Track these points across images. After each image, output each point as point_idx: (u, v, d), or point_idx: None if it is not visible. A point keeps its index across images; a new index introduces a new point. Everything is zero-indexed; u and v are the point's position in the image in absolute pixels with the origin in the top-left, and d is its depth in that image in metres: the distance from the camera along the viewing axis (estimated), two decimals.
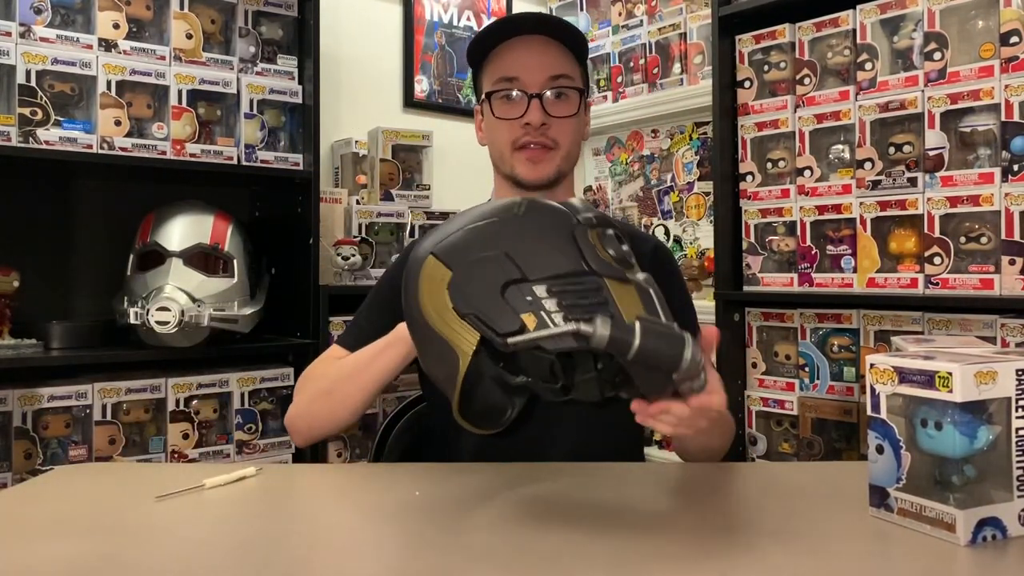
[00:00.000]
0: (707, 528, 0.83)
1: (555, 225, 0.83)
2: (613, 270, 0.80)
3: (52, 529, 0.85)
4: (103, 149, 1.79)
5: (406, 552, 0.78)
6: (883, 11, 1.74)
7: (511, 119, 1.19)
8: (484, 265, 0.81)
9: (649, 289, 0.81)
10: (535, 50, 1.19)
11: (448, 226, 0.87)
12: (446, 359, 0.83)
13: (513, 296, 0.79)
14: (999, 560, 0.73)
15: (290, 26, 2.12)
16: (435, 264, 0.84)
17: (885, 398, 0.81)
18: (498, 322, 0.78)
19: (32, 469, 1.71)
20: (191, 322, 1.79)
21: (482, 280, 0.80)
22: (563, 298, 0.78)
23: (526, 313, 0.78)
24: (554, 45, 1.19)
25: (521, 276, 0.79)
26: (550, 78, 1.18)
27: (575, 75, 1.21)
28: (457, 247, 0.84)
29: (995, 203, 1.56)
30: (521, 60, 1.19)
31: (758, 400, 1.96)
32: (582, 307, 0.77)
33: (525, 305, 0.78)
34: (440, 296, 0.82)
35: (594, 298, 0.78)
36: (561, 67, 1.19)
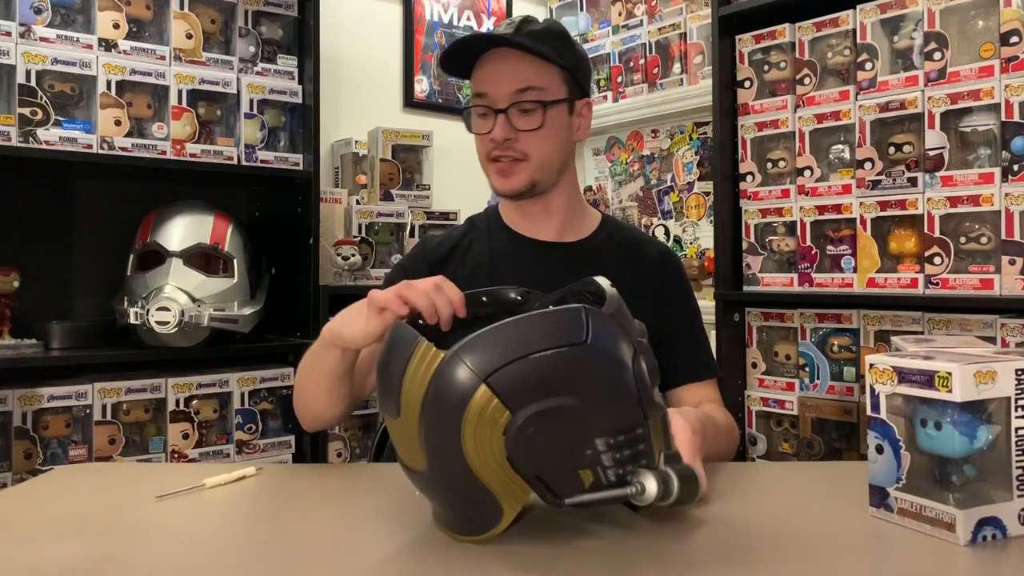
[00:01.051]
0: (707, 528, 0.83)
1: (620, 361, 0.74)
2: (655, 408, 0.76)
3: (52, 529, 0.85)
4: (103, 149, 1.79)
5: (406, 552, 0.78)
6: (883, 11, 1.74)
7: (482, 134, 1.21)
8: (553, 416, 0.71)
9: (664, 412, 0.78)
10: (504, 64, 1.19)
11: (499, 342, 0.73)
12: (478, 503, 0.75)
13: (575, 450, 0.72)
14: (999, 560, 0.73)
15: (290, 26, 2.12)
16: (490, 398, 0.71)
17: (885, 398, 0.81)
18: (559, 484, 0.73)
19: (32, 469, 1.71)
20: (191, 322, 1.79)
21: (550, 435, 0.71)
22: (618, 451, 0.73)
23: (584, 469, 0.73)
24: (524, 57, 1.18)
25: (588, 432, 0.72)
26: (516, 91, 1.17)
27: (546, 84, 1.19)
28: (519, 381, 0.71)
29: (995, 203, 1.56)
30: (488, 75, 1.20)
31: (758, 400, 1.96)
32: (630, 460, 0.73)
33: (584, 460, 0.72)
34: (494, 440, 0.71)
35: (641, 446, 0.74)
36: (528, 78, 1.18)
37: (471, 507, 0.76)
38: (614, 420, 0.73)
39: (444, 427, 0.72)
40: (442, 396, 0.72)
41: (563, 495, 0.73)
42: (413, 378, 0.73)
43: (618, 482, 0.73)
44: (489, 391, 0.70)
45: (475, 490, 0.73)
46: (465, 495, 0.75)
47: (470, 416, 0.70)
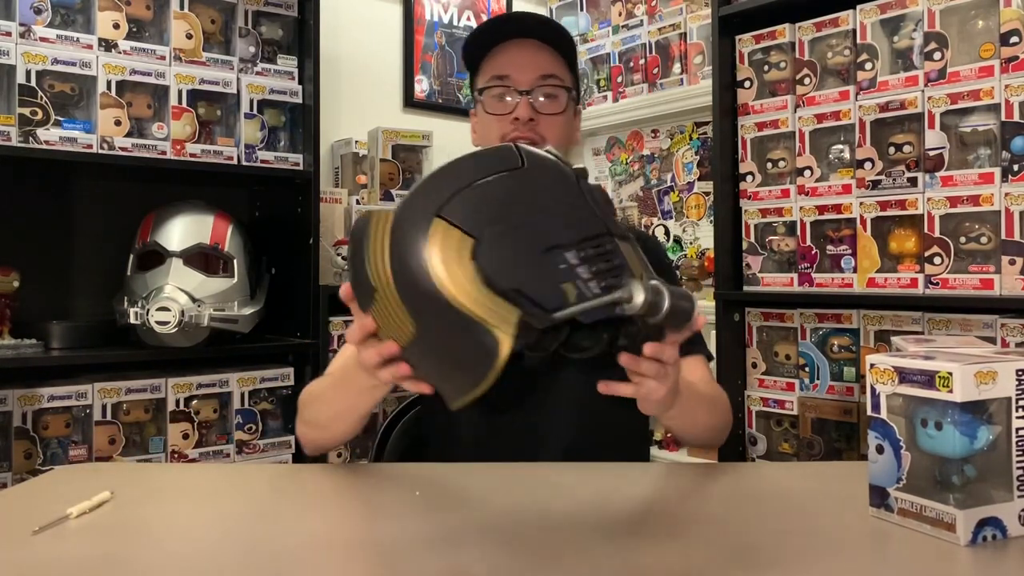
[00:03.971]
0: (707, 528, 0.83)
1: (564, 181, 0.78)
2: (619, 228, 0.77)
3: (52, 529, 0.84)
4: (103, 149, 1.79)
5: (407, 553, 0.78)
6: (883, 11, 1.74)
7: (501, 115, 1.24)
8: (515, 230, 0.73)
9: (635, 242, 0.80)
10: (527, 51, 1.25)
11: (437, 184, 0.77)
12: (473, 343, 0.73)
13: (548, 266, 0.73)
14: (999, 560, 0.73)
15: (290, 26, 2.12)
16: (447, 229, 0.73)
17: (885, 398, 0.81)
18: (544, 297, 0.72)
19: (32, 469, 1.71)
20: (191, 322, 1.79)
21: (517, 248, 0.73)
22: (593, 264, 0.73)
23: (565, 283, 0.72)
24: (545, 48, 1.25)
25: (554, 242, 0.73)
26: (540, 77, 1.23)
27: (564, 77, 1.26)
28: (471, 208, 0.74)
29: (995, 203, 1.56)
30: (513, 60, 1.25)
31: (758, 400, 1.96)
32: (607, 272, 0.74)
33: (561, 274, 0.73)
34: (465, 269, 0.72)
35: (616, 260, 0.75)
36: (551, 68, 1.25)
37: (469, 350, 0.74)
38: (576, 230, 0.74)
39: (416, 274, 0.73)
40: (405, 245, 0.74)
41: (552, 308, 0.72)
42: (375, 248, 0.76)
43: (603, 293, 0.73)
44: (445, 223, 0.73)
45: (467, 328, 0.72)
46: (461, 338, 0.74)
47: (435, 252, 0.72)
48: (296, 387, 2.08)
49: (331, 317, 2.10)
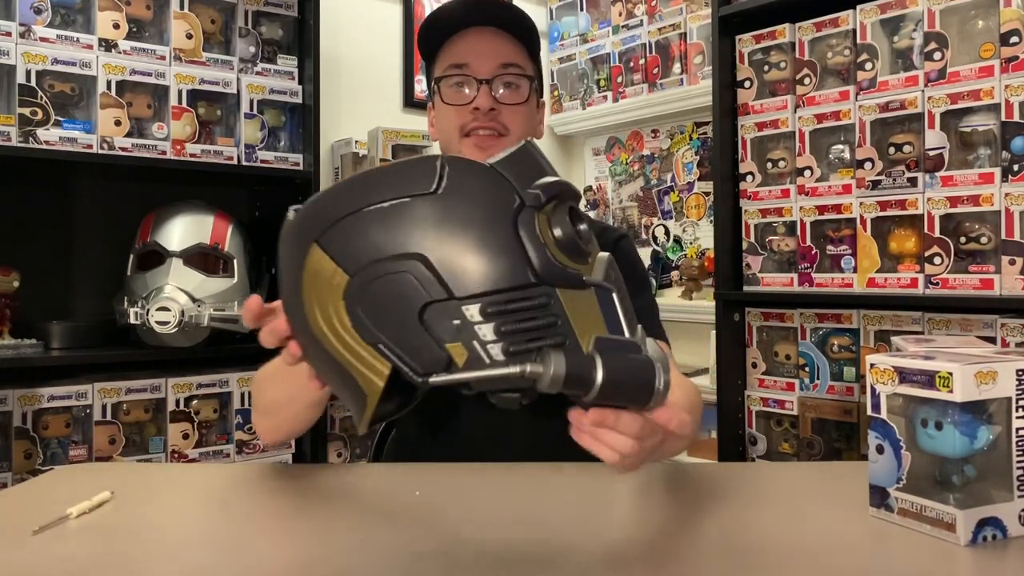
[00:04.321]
0: (706, 529, 0.83)
1: (491, 210, 0.62)
2: (566, 275, 0.62)
3: (52, 529, 0.84)
4: (103, 149, 1.79)
5: (407, 553, 0.78)
6: (883, 11, 1.74)
7: (460, 105, 1.17)
8: (393, 275, 0.61)
9: (611, 291, 0.64)
10: (486, 39, 1.18)
11: (338, 198, 0.65)
12: (346, 383, 0.65)
13: (435, 319, 0.60)
14: (999, 560, 0.73)
15: (290, 26, 2.12)
16: (322, 259, 0.63)
17: (885, 398, 0.81)
18: (416, 356, 0.61)
19: (32, 469, 1.71)
20: (191, 322, 1.79)
21: (391, 296, 0.61)
22: (503, 322, 0.60)
23: (453, 343, 0.60)
24: (506, 36, 1.19)
25: (446, 294, 0.60)
26: (500, 65, 1.17)
27: (526, 66, 1.20)
28: (352, 239, 0.62)
29: (995, 203, 1.56)
30: (472, 47, 1.18)
31: (758, 400, 1.96)
32: (527, 332, 0.60)
33: (451, 332, 0.60)
34: (335, 307, 0.62)
35: (542, 318, 0.60)
36: (512, 56, 1.19)
37: (345, 392, 0.66)
38: (484, 282, 0.60)
39: (292, 301, 0.66)
40: (285, 267, 0.67)
41: (425, 371, 0.61)
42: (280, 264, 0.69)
43: (508, 362, 0.60)
44: (320, 251, 0.63)
45: (338, 371, 0.64)
46: (335, 379, 0.66)
47: (307, 282, 0.64)
48: None
49: None
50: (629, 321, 0.64)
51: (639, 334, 0.64)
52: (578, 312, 0.62)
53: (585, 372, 0.60)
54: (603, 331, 0.62)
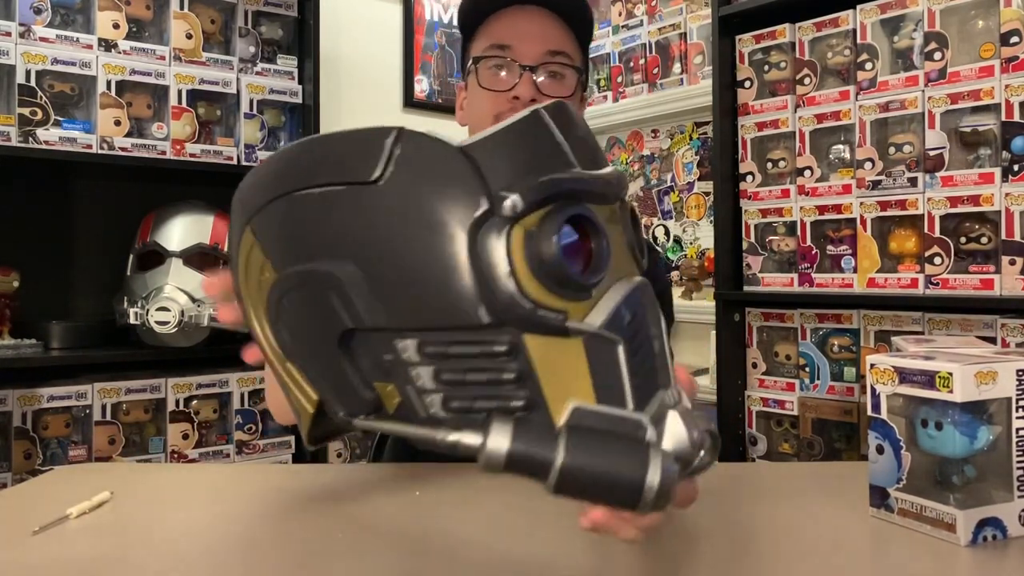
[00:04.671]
0: (706, 529, 0.83)
1: (442, 216, 0.45)
2: (537, 318, 0.44)
3: (53, 530, 0.84)
4: (103, 149, 1.79)
5: (407, 554, 0.78)
6: (883, 11, 1.74)
7: (498, 91, 1.06)
8: (315, 287, 0.47)
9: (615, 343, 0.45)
10: (535, 20, 1.06)
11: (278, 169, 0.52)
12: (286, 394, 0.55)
13: (363, 350, 0.48)
14: (999, 560, 0.73)
15: (290, 26, 2.12)
16: (254, 246, 0.51)
17: (885, 398, 0.81)
18: (338, 391, 0.50)
19: (32, 469, 1.71)
20: (191, 322, 1.79)
21: (310, 314, 0.48)
22: (443, 368, 0.46)
23: (383, 383, 0.48)
24: (557, 20, 1.07)
25: (376, 320, 0.46)
26: (547, 52, 1.05)
27: (575, 56, 1.08)
28: (279, 229, 0.50)
29: (995, 203, 1.55)
30: (517, 28, 1.06)
31: (758, 400, 1.96)
32: (475, 387, 0.46)
33: (382, 369, 0.47)
34: (264, 309, 0.52)
35: (496, 371, 0.45)
36: (561, 43, 1.06)
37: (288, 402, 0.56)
38: (424, 312, 0.45)
39: (236, 289, 0.55)
40: (230, 246, 0.56)
41: (348, 411, 0.50)
42: None
43: (447, 420, 0.47)
44: (252, 236, 0.51)
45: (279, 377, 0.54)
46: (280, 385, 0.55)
47: (242, 271, 0.53)
48: None
49: None
50: (643, 386, 0.47)
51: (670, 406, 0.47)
52: (554, 369, 0.45)
53: (538, 455, 0.45)
54: (590, 398, 0.46)
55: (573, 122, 0.49)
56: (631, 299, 0.48)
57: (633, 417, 0.46)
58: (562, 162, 0.47)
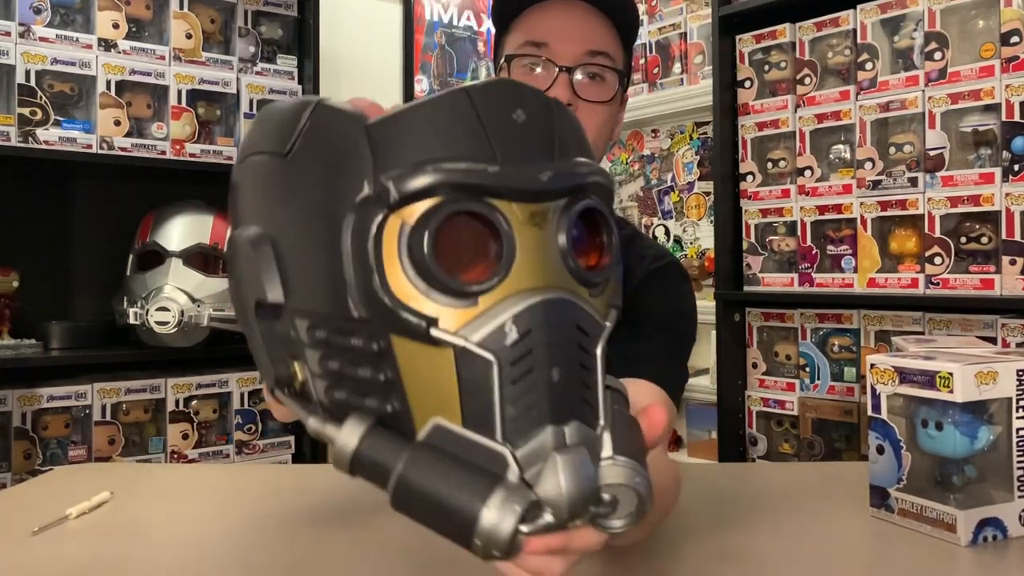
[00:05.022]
0: (707, 529, 0.83)
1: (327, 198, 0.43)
2: (400, 321, 0.42)
3: (53, 530, 0.84)
4: (103, 149, 1.79)
5: (407, 554, 0.78)
6: (883, 11, 1.73)
7: None
8: (242, 253, 0.48)
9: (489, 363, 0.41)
10: (575, 16, 0.98)
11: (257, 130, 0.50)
12: None
13: (274, 324, 0.47)
14: (999, 560, 0.73)
15: (290, 26, 2.12)
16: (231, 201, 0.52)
17: (886, 398, 0.81)
18: (262, 362, 0.50)
19: (32, 469, 1.71)
20: (191, 322, 1.79)
21: (241, 280, 0.48)
22: (326, 355, 0.45)
23: (294, 360, 0.47)
24: (599, 16, 0.98)
25: (280, 295, 0.46)
26: (587, 52, 0.96)
27: (617, 57, 0.99)
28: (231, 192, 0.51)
29: (996, 203, 1.55)
30: (556, 25, 0.98)
31: (758, 400, 1.96)
32: (351, 381, 0.45)
33: (288, 345, 0.47)
34: None
35: (367, 368, 0.44)
36: (603, 43, 0.98)
37: None
38: (310, 298, 0.45)
39: None
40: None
41: (272, 383, 0.49)
42: None
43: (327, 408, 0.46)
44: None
45: None
46: None
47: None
48: None
49: None
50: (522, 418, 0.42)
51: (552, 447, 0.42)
52: (421, 380, 0.43)
53: (382, 462, 0.42)
54: (456, 419, 0.42)
55: (511, 107, 0.44)
56: (528, 316, 0.42)
57: (494, 449, 0.42)
58: (477, 151, 0.42)
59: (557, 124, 0.46)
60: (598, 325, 0.45)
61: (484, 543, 0.42)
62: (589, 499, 0.42)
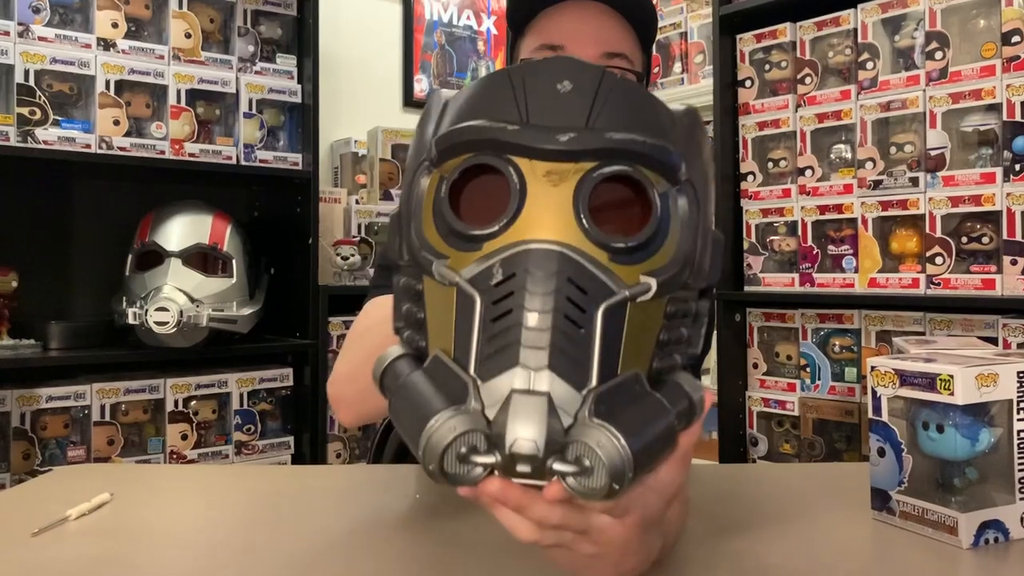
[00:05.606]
0: (707, 530, 0.83)
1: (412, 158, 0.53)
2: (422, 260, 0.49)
3: (52, 530, 0.84)
4: (102, 149, 1.79)
5: (407, 555, 0.78)
6: (884, 10, 1.73)
7: None
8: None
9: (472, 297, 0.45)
10: (590, 18, 0.97)
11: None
12: None
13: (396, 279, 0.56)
14: (1001, 563, 0.73)
15: (289, 25, 2.12)
16: None
17: (886, 401, 0.81)
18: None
19: (31, 470, 1.71)
20: (190, 322, 1.79)
21: None
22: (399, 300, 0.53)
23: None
24: (615, 17, 0.97)
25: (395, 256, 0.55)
26: (603, 55, 0.95)
27: (635, 59, 0.98)
28: None
29: (997, 203, 1.55)
30: (571, 27, 0.96)
31: (759, 401, 1.96)
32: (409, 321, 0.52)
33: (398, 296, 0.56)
34: None
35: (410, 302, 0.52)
36: (619, 44, 0.96)
37: None
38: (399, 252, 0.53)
39: None
40: None
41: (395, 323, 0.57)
42: None
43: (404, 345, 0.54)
44: None
45: None
46: None
47: None
48: (295, 388, 2.08)
49: (330, 317, 2.10)
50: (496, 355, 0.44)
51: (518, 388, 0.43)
52: (436, 316, 0.48)
53: (387, 384, 0.49)
54: (450, 350, 0.47)
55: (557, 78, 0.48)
56: (515, 260, 0.45)
57: (463, 378, 0.44)
58: (507, 113, 0.47)
59: (606, 96, 0.48)
60: (603, 286, 0.45)
61: (425, 456, 0.44)
62: (544, 449, 0.42)
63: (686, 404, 0.48)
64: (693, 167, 0.50)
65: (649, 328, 0.48)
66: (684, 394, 0.48)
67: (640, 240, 0.47)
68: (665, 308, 0.49)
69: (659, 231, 0.48)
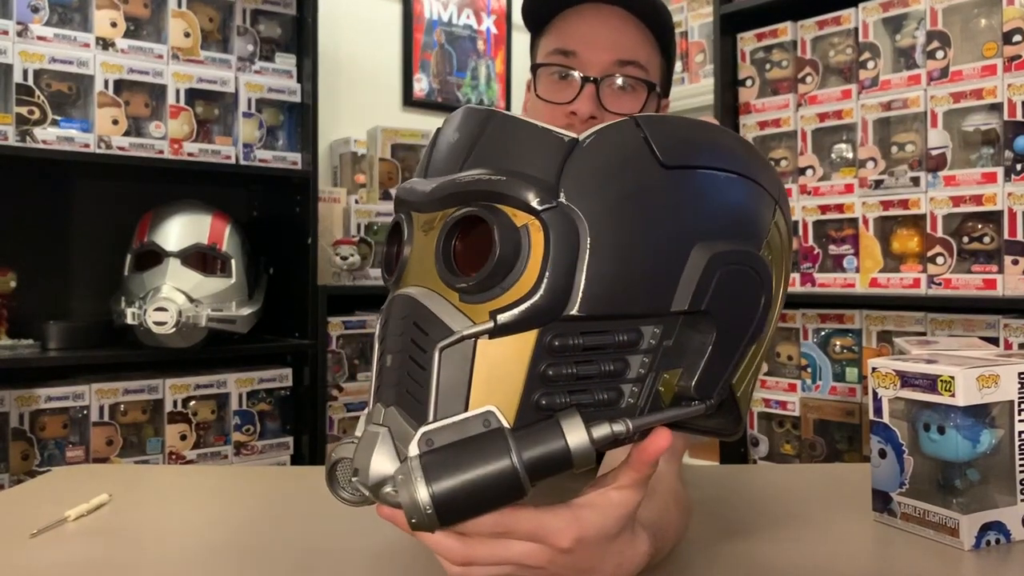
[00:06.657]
0: (707, 531, 0.82)
1: None
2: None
3: (52, 530, 0.84)
4: (100, 148, 1.79)
5: (407, 555, 0.77)
6: (885, 9, 1.73)
7: (556, 103, 0.93)
8: None
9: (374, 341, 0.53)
10: (605, 24, 0.94)
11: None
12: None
13: None
14: (1002, 564, 0.72)
15: (289, 24, 2.11)
16: None
17: (887, 402, 0.80)
18: None
19: (29, 470, 1.71)
20: (188, 322, 1.78)
21: None
22: None
23: None
24: (632, 22, 0.94)
25: None
26: (616, 62, 0.93)
27: (650, 66, 0.96)
28: None
29: (998, 203, 1.55)
30: (585, 32, 0.94)
31: (760, 401, 1.95)
32: None
33: None
34: None
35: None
36: (633, 51, 0.94)
37: None
38: None
39: None
40: None
41: None
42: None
43: None
44: None
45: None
46: None
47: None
48: (294, 388, 2.08)
49: (329, 317, 2.10)
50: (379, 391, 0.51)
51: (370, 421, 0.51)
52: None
53: None
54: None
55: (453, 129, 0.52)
56: (387, 308, 0.52)
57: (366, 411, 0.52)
58: (419, 170, 0.55)
59: (486, 138, 0.50)
60: (443, 327, 0.48)
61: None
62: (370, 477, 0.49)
63: (558, 446, 0.47)
64: (589, 193, 0.48)
65: (514, 363, 0.48)
66: (558, 436, 0.48)
67: (479, 279, 0.47)
68: (544, 342, 0.48)
69: (503, 267, 0.47)
